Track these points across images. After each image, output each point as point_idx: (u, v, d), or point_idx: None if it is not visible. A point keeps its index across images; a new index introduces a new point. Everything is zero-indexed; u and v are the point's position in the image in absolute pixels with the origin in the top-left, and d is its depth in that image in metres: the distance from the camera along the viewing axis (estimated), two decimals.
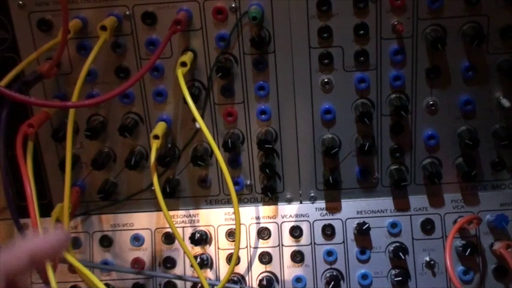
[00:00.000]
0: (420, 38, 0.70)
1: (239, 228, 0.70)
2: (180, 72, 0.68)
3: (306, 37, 0.71)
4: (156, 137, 0.70)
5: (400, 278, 0.75)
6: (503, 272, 0.75)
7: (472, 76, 0.71)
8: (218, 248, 0.79)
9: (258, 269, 0.78)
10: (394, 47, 0.71)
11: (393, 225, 0.77)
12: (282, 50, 0.72)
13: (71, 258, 0.70)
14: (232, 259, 0.72)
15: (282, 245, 0.78)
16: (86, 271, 0.71)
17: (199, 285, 0.77)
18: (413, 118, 0.74)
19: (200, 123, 0.67)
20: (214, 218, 0.79)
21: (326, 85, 0.73)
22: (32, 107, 0.75)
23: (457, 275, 0.75)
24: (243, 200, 0.79)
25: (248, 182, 0.78)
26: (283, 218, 0.79)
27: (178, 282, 0.79)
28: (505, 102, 0.71)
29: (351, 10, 0.70)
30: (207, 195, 0.79)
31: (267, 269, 0.78)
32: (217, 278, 0.79)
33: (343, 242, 0.78)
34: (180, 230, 0.79)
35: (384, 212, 0.77)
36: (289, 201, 0.79)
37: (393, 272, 0.77)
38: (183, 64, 0.68)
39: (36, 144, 0.77)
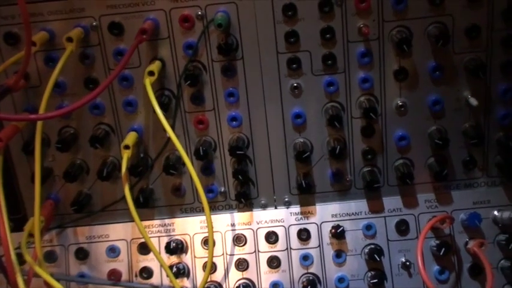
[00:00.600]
0: (386, 40, 0.71)
1: (212, 236, 0.70)
2: (148, 81, 0.68)
3: (273, 42, 0.71)
4: (126, 147, 0.70)
5: (377, 280, 0.75)
6: (478, 271, 0.75)
7: (440, 76, 0.72)
8: (194, 257, 0.79)
9: (235, 276, 0.78)
10: (361, 49, 0.71)
11: (368, 227, 0.77)
12: (250, 56, 0.72)
13: (42, 272, 0.69)
14: (207, 267, 0.72)
15: (258, 251, 0.78)
16: (58, 286, 0.69)
17: None
18: (383, 120, 0.74)
19: (169, 132, 0.67)
20: (189, 227, 0.79)
21: (295, 90, 0.73)
22: (1, 121, 0.74)
23: (432, 275, 0.75)
24: (217, 207, 0.79)
25: (222, 189, 0.78)
26: (258, 224, 0.79)
27: None
28: (473, 101, 0.71)
29: (316, 14, 0.70)
30: (182, 203, 0.79)
31: (244, 276, 0.78)
32: (195, 287, 0.78)
33: (319, 245, 0.78)
34: (155, 240, 0.79)
35: (358, 215, 0.78)
36: (264, 206, 0.79)
37: (369, 274, 0.77)
38: (151, 73, 0.68)
39: (8, 158, 0.76)
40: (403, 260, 0.77)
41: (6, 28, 0.71)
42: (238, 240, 0.78)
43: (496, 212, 0.76)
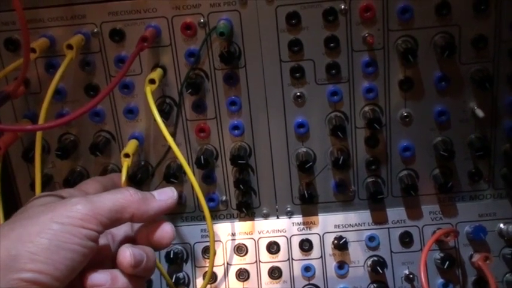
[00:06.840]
0: (392, 49, 0.70)
1: (213, 245, 0.69)
2: (149, 89, 0.67)
3: (276, 51, 0.70)
4: (126, 155, 0.69)
5: None
6: (482, 284, 0.74)
7: (445, 87, 0.70)
8: (195, 266, 0.78)
9: (236, 286, 0.77)
10: (365, 59, 0.70)
11: (371, 238, 0.76)
12: (252, 64, 0.71)
13: None
14: (206, 276, 0.71)
15: (259, 261, 0.77)
16: None
17: None
18: (387, 130, 0.73)
19: (169, 141, 0.66)
20: (190, 235, 0.78)
21: (298, 99, 0.72)
22: None
23: None
24: (218, 216, 0.78)
25: (223, 198, 0.77)
26: (260, 233, 0.78)
27: None
28: (479, 113, 0.70)
29: (320, 23, 0.69)
30: (183, 212, 0.78)
31: (245, 286, 0.77)
32: None
33: (321, 256, 0.77)
34: None
35: (361, 226, 0.76)
36: (266, 216, 0.78)
37: (372, 286, 0.76)
38: (152, 81, 0.67)
39: (8, 165, 0.76)
40: (407, 272, 0.75)
41: (7, 34, 0.70)
42: (239, 249, 0.77)
43: (501, 225, 0.74)
